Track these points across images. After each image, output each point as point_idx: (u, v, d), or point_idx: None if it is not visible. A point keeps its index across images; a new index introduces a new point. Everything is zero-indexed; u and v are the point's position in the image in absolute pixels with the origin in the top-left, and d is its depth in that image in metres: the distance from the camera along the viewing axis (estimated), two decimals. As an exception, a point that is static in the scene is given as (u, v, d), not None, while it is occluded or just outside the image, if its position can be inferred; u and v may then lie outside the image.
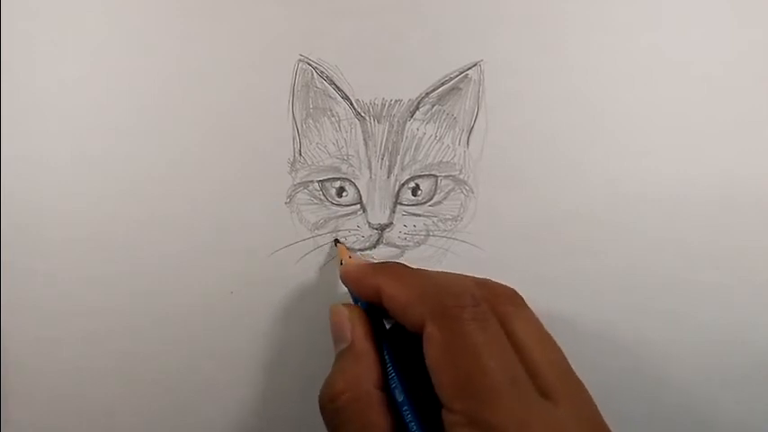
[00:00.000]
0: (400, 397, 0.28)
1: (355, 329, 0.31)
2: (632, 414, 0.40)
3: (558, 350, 0.28)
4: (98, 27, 0.36)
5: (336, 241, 0.38)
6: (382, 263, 0.33)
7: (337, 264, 0.38)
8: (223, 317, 0.38)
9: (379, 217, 0.38)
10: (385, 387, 0.29)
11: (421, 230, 0.38)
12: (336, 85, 0.37)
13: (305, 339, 0.39)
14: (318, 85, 0.36)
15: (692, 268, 0.40)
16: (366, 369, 0.30)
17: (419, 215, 0.38)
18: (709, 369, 0.41)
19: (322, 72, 0.36)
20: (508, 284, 0.31)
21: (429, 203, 0.38)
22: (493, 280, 0.30)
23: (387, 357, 0.30)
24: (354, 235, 0.38)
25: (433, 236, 0.39)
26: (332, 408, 0.29)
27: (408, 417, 0.27)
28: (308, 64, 0.36)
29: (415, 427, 0.27)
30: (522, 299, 0.30)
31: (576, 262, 0.39)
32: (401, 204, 0.38)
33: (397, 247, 0.38)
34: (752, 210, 0.40)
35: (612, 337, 0.40)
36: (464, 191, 0.38)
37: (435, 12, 0.37)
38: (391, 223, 0.38)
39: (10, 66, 0.36)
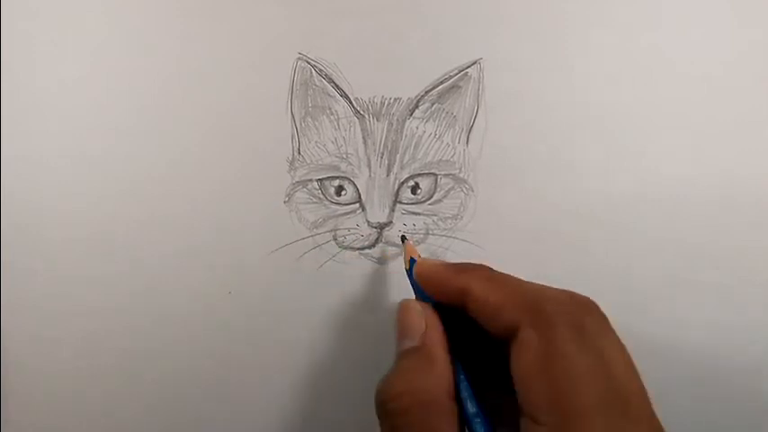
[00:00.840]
0: (472, 408, 0.27)
1: (429, 330, 0.30)
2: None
3: (638, 373, 0.26)
4: (98, 27, 0.36)
5: (404, 238, 0.38)
6: (467, 263, 0.31)
7: (402, 261, 0.37)
8: (222, 316, 0.38)
9: (379, 216, 0.38)
10: (456, 395, 0.28)
11: (420, 229, 0.38)
12: (335, 84, 0.37)
13: (304, 338, 0.39)
14: (317, 84, 0.37)
15: (692, 268, 0.40)
16: (438, 374, 0.28)
17: (419, 214, 0.38)
18: (709, 369, 0.41)
19: (321, 70, 0.36)
20: None
21: (429, 202, 0.38)
22: (577, 293, 0.29)
23: (458, 365, 0.29)
24: (354, 234, 0.38)
25: (432, 234, 0.39)
26: (393, 408, 0.27)
27: (481, 430, 0.27)
28: (307, 62, 0.36)
29: None
30: (606, 316, 0.28)
31: (576, 261, 0.39)
32: (401, 203, 0.38)
33: (396, 245, 0.38)
34: (752, 210, 0.40)
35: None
36: (464, 189, 0.38)
37: (435, 11, 0.37)
38: (391, 222, 0.38)
39: (10, 66, 0.36)
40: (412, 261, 0.33)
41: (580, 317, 0.26)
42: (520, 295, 0.27)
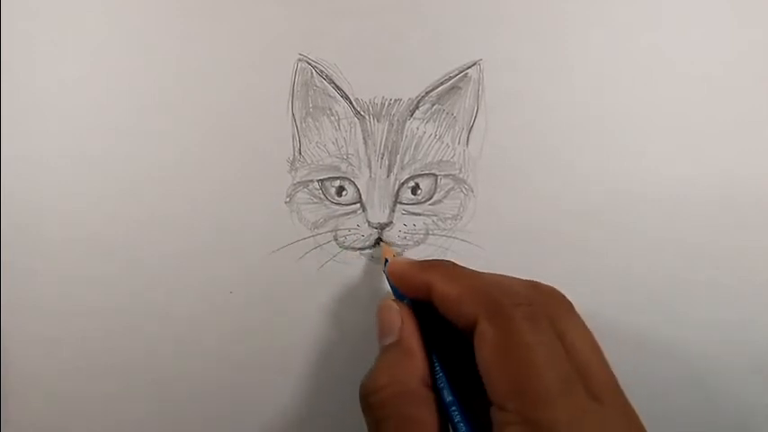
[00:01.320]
0: (449, 397, 0.28)
1: (405, 326, 0.31)
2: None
3: (603, 355, 0.28)
4: (98, 27, 0.36)
5: (380, 240, 0.38)
6: (432, 260, 0.33)
7: (380, 263, 0.38)
8: (223, 316, 0.38)
9: (379, 216, 0.38)
10: (432, 386, 0.29)
11: (420, 229, 0.38)
12: (336, 84, 0.37)
13: (305, 338, 0.39)
14: (318, 84, 0.37)
15: (692, 268, 0.40)
16: (414, 366, 0.30)
17: (419, 214, 0.38)
18: (710, 369, 0.41)
19: (321, 71, 0.36)
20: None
21: (429, 202, 0.38)
22: (541, 282, 0.30)
23: (434, 356, 0.30)
24: (354, 234, 0.38)
25: (432, 235, 0.39)
26: (374, 400, 0.29)
27: (457, 417, 0.28)
28: (308, 63, 0.36)
29: (464, 428, 0.27)
30: (570, 303, 0.29)
31: (576, 261, 0.39)
32: (401, 203, 0.38)
33: (396, 246, 0.38)
34: (752, 210, 0.40)
35: (612, 337, 0.40)
36: (464, 190, 0.38)
37: (435, 11, 0.37)
38: (391, 222, 0.38)
39: (10, 66, 0.36)
40: (386, 262, 0.35)
41: (537, 306, 0.27)
42: (477, 289, 0.29)
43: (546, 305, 0.28)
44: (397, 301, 0.33)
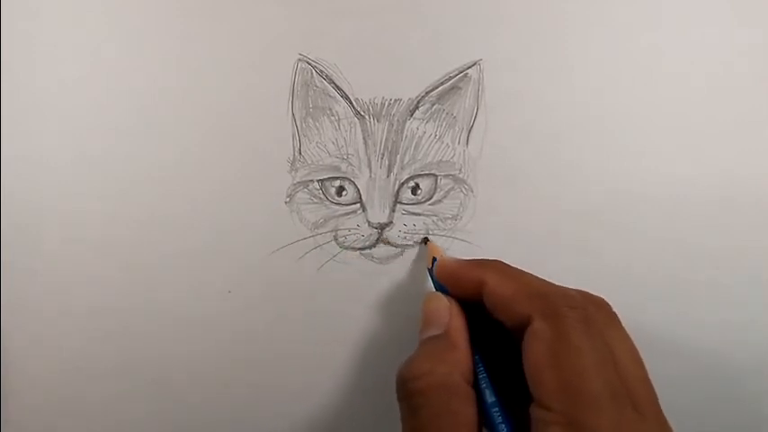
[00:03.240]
0: (491, 398, 0.28)
1: (453, 320, 0.31)
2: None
3: (646, 371, 0.28)
4: (98, 27, 0.36)
5: (426, 240, 0.38)
6: (483, 259, 0.33)
7: (425, 261, 0.38)
8: (223, 317, 0.38)
9: (379, 216, 0.38)
10: (473, 383, 0.29)
11: (420, 229, 0.38)
12: (336, 84, 0.37)
13: (304, 338, 0.39)
14: (318, 84, 0.37)
15: (692, 268, 0.40)
16: (458, 360, 0.30)
17: (419, 214, 0.38)
18: (709, 369, 0.41)
19: (321, 71, 0.36)
20: None
21: (429, 202, 0.38)
22: (587, 291, 0.30)
23: (477, 356, 0.30)
24: (354, 234, 0.38)
25: (432, 235, 0.39)
26: (414, 387, 0.28)
27: (499, 418, 0.28)
28: (308, 63, 0.36)
29: (505, 429, 0.27)
30: (617, 315, 0.29)
31: (576, 262, 0.39)
32: (401, 203, 0.38)
33: (396, 246, 0.38)
34: (752, 210, 0.40)
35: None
36: (463, 190, 0.38)
37: (435, 11, 0.37)
38: (391, 222, 0.38)
39: (10, 66, 0.36)
40: (434, 260, 0.35)
41: (590, 312, 0.28)
42: (533, 288, 0.29)
43: (596, 313, 0.28)
44: (446, 295, 0.33)
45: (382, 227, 0.38)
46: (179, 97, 0.36)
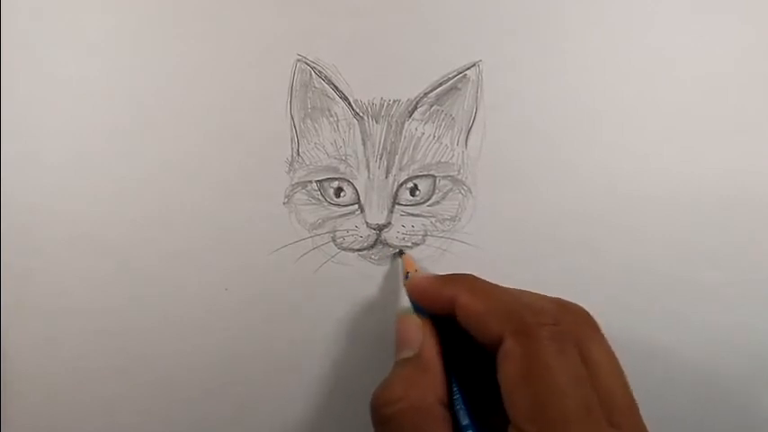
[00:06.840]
0: (465, 420, 0.28)
1: (426, 340, 0.31)
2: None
3: (626, 379, 0.28)
4: (98, 27, 0.36)
5: (401, 252, 0.38)
6: (454, 274, 0.32)
7: (400, 275, 0.38)
8: (221, 317, 0.38)
9: (377, 217, 0.38)
10: (448, 405, 0.29)
11: (419, 231, 0.38)
12: (335, 85, 0.37)
13: (303, 339, 0.39)
14: (317, 85, 0.37)
15: (692, 268, 0.40)
16: (432, 383, 0.29)
17: (417, 215, 0.38)
18: (710, 369, 0.41)
19: (320, 72, 0.36)
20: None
21: (427, 203, 0.38)
22: (565, 300, 0.29)
23: (452, 377, 0.30)
24: (352, 235, 0.38)
25: (431, 236, 0.39)
26: (388, 412, 0.28)
27: None
28: (307, 64, 0.36)
29: None
30: (596, 323, 0.29)
31: (576, 262, 0.39)
32: (399, 204, 0.38)
33: (395, 247, 0.38)
34: (752, 210, 0.40)
35: (612, 338, 0.40)
36: (462, 191, 0.38)
37: (434, 12, 0.37)
38: (389, 223, 0.38)
39: (10, 66, 0.36)
40: (407, 275, 0.35)
41: (564, 326, 0.27)
42: (504, 304, 0.28)
43: (572, 325, 0.28)
44: (419, 315, 0.32)
45: (381, 228, 0.38)
46: (178, 98, 0.37)
